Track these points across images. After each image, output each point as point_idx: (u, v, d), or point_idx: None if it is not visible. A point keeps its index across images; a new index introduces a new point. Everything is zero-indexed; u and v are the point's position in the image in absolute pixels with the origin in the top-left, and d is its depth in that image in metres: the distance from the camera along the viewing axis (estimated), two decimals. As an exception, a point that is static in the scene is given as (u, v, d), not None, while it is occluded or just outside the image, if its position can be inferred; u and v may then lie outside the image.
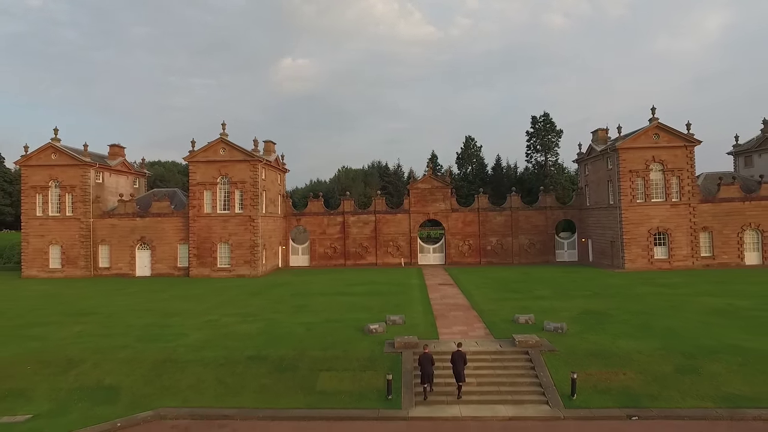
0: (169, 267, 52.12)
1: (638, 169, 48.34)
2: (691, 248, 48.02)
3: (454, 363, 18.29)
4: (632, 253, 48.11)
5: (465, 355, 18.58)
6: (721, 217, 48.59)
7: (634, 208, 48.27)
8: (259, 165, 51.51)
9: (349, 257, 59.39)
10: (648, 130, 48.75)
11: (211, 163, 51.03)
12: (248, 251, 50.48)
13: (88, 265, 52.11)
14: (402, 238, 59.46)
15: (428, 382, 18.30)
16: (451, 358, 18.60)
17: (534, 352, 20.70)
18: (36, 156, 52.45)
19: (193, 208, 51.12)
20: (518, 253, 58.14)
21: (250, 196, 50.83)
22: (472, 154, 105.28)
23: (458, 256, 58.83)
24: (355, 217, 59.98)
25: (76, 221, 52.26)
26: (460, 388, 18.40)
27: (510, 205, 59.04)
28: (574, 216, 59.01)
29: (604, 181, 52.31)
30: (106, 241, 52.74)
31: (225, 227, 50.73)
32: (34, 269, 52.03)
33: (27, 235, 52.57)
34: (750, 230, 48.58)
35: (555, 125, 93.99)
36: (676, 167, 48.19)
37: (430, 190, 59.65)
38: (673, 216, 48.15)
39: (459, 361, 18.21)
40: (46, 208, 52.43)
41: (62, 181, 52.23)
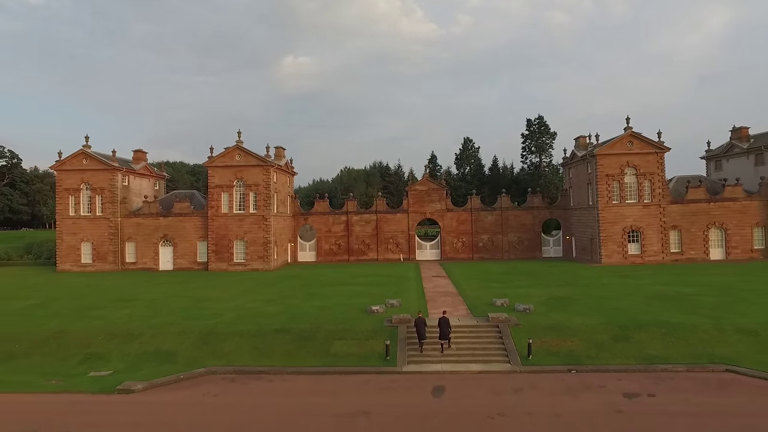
0: (190, 262, 57.50)
1: (614, 173, 53.52)
2: (661, 245, 53.24)
3: (440, 325, 23.91)
4: (608, 249, 53.34)
5: (449, 320, 24.18)
6: (688, 216, 53.79)
7: (610, 209, 53.47)
8: (271, 169, 56.83)
9: (352, 253, 64.71)
10: (623, 137, 53.93)
11: (227, 168, 56.36)
12: (261, 247, 55.84)
13: (116, 260, 57.52)
14: (401, 236, 64.76)
15: (422, 338, 23.96)
16: (438, 322, 24.17)
17: (503, 326, 26.01)
18: (69, 161, 57.82)
19: (212, 209, 56.48)
20: (508, 249, 63.41)
21: (263, 198, 56.16)
22: (470, 154, 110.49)
23: (453, 252, 64.12)
24: (358, 216, 65.27)
25: (105, 220, 57.66)
26: (443, 346, 24.02)
27: (500, 205, 64.29)
28: (560, 215, 64.25)
29: (585, 184, 57.54)
30: (132, 239, 58.13)
31: (240, 226, 56.07)
32: (67, 264, 57.46)
33: (61, 233, 57.96)
34: (715, 228, 53.76)
35: (549, 128, 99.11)
36: (648, 171, 53.36)
37: (427, 191, 64.92)
38: (645, 216, 53.36)
39: (444, 325, 23.83)
40: (78, 208, 57.82)
41: (93, 184, 57.61)
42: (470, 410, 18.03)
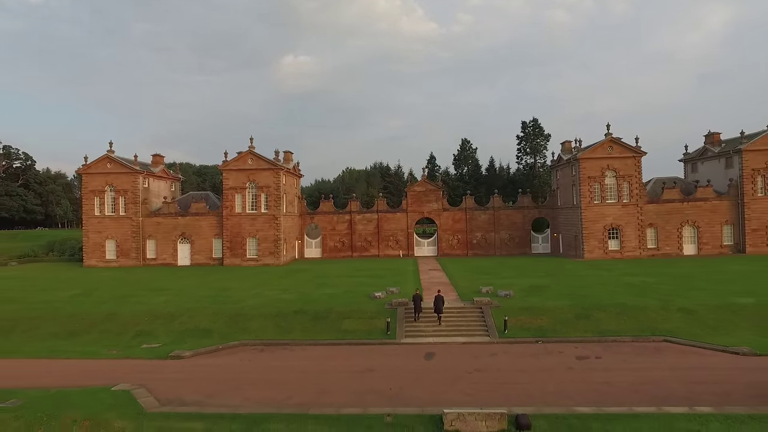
0: (206, 258, 62.43)
1: (595, 176, 58.38)
2: (638, 241, 58.12)
3: (435, 302, 29.27)
4: (590, 245, 58.23)
5: (443, 298, 29.53)
6: (663, 215, 58.66)
7: (592, 208, 58.34)
8: (281, 172, 61.73)
9: (355, 250, 69.61)
10: (604, 143, 58.78)
11: (241, 171, 61.27)
12: (272, 244, 60.75)
13: (138, 256, 62.45)
14: (401, 234, 69.66)
15: (419, 311, 29.36)
16: (434, 299, 29.52)
17: (485, 308, 30.93)
18: (94, 165, 62.73)
19: (226, 209, 61.39)
20: (500, 246, 68.31)
21: (274, 199, 61.06)
22: (468, 155, 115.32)
23: (448, 248, 69.02)
24: (361, 215, 70.17)
25: (128, 220, 62.58)
26: (440, 318, 29.34)
27: (493, 205, 69.19)
28: (548, 214, 69.14)
29: (570, 185, 62.41)
30: (152, 236, 63.06)
31: (253, 224, 60.98)
32: (93, 259, 62.38)
33: (87, 232, 62.88)
34: (688, 226, 58.64)
35: (543, 130, 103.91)
36: (626, 174, 58.21)
37: (424, 192, 69.83)
38: (624, 214, 58.22)
39: (438, 302, 29.21)
40: (102, 208, 62.71)
41: (116, 186, 62.52)
42: (454, 368, 22.94)
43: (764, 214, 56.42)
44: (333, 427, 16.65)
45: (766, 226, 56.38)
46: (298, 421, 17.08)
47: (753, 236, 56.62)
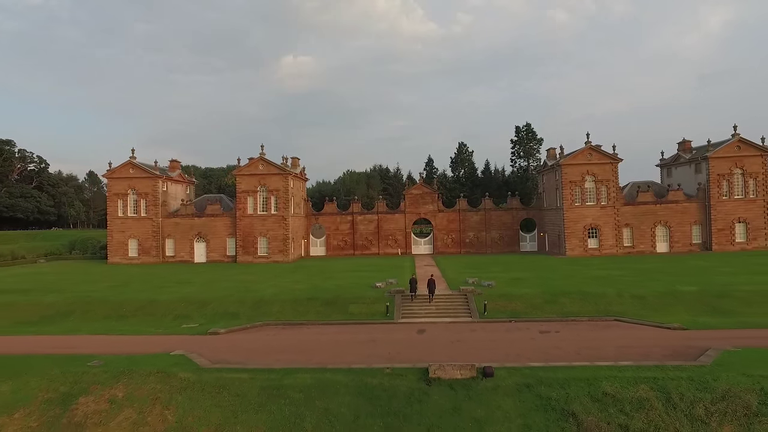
0: (220, 255, 68.06)
1: (576, 180, 64.07)
2: (615, 240, 63.81)
3: (429, 285, 35.42)
4: (572, 243, 63.91)
5: (435, 281, 35.59)
6: (638, 216, 64.35)
7: (573, 210, 64.02)
8: (289, 177, 67.39)
9: (357, 248, 75.26)
10: (584, 150, 64.47)
11: (252, 176, 66.92)
12: (281, 243, 66.39)
13: (158, 254, 68.07)
14: (399, 233, 75.32)
15: (414, 292, 35.36)
16: (427, 282, 35.73)
17: (469, 295, 36.57)
18: (118, 170, 68.37)
19: (239, 210, 67.03)
20: (490, 244, 73.98)
21: (283, 201, 66.71)
22: (465, 158, 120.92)
23: (443, 246, 74.68)
24: (362, 216, 75.81)
25: (148, 220, 68.20)
26: (431, 298, 35.42)
27: (484, 207, 74.89)
28: (535, 215, 74.82)
29: (554, 189, 68.10)
30: (171, 236, 68.69)
31: (263, 224, 66.61)
32: (117, 257, 68.00)
33: (111, 231, 68.49)
34: (660, 226, 64.33)
35: (536, 134, 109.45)
36: (604, 178, 63.92)
37: (421, 195, 75.50)
38: (602, 215, 63.92)
39: (431, 284, 35.40)
40: (125, 210, 68.34)
41: (138, 190, 68.15)
42: (440, 339, 28.58)
43: (728, 215, 62.14)
44: (346, 375, 22.26)
45: (729, 225, 62.09)
46: (319, 372, 22.70)
47: (718, 235, 62.33)
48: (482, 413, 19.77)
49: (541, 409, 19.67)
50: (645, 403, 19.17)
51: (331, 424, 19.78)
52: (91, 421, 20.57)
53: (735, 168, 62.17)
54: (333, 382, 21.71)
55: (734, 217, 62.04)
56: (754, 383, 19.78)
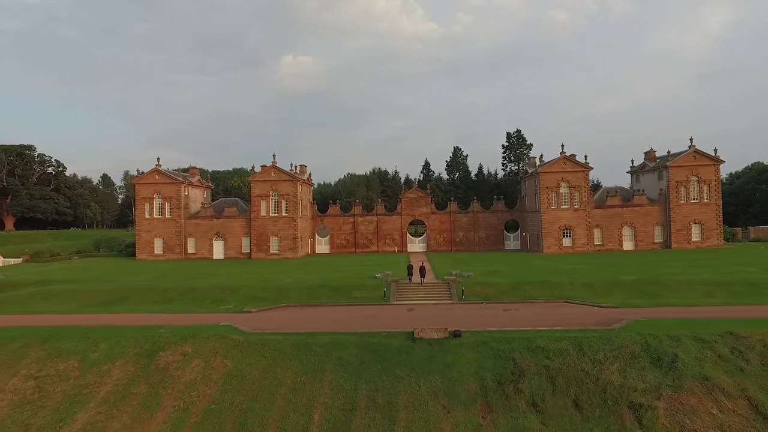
0: (236, 252, 76.32)
1: (552, 186, 72.42)
2: (587, 239, 72.17)
3: (420, 270, 44.80)
4: (549, 242, 72.26)
5: (425, 268, 44.05)
6: (607, 218, 72.72)
7: (549, 212, 72.36)
8: (298, 183, 75.68)
9: (358, 246, 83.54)
10: (559, 159, 72.83)
11: (265, 182, 75.22)
12: (291, 241, 74.69)
13: (180, 251, 76.31)
14: (396, 233, 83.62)
15: (410, 275, 43.96)
16: (419, 268, 44.53)
17: (451, 283, 44.93)
18: (145, 177, 76.63)
19: (254, 212, 75.33)
20: (478, 243, 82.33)
21: (292, 204, 74.98)
22: (459, 162, 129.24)
23: (436, 245, 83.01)
24: (362, 217, 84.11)
25: (172, 221, 76.46)
26: (423, 280, 44.13)
27: (473, 209, 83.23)
28: (518, 217, 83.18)
29: (534, 193, 76.46)
30: (192, 235, 76.94)
31: (275, 225, 74.89)
32: (144, 254, 76.25)
33: (140, 231, 76.72)
34: (627, 227, 72.71)
35: (526, 140, 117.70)
36: (577, 184, 72.28)
37: (416, 198, 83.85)
38: (575, 217, 72.27)
39: (422, 270, 44.75)
40: (152, 212, 76.58)
41: (163, 194, 76.39)
42: (425, 315, 36.89)
43: (686, 217, 70.56)
44: (353, 336, 30.53)
45: (686, 226, 70.50)
46: (333, 335, 30.96)
47: (677, 235, 70.73)
48: (451, 359, 28.06)
49: (492, 357, 27.97)
50: (563, 352, 27.47)
51: (343, 367, 28.06)
52: (172, 367, 28.82)
53: (691, 176, 70.59)
54: (344, 341, 30.03)
55: (691, 219, 70.47)
56: (641, 339, 28.10)
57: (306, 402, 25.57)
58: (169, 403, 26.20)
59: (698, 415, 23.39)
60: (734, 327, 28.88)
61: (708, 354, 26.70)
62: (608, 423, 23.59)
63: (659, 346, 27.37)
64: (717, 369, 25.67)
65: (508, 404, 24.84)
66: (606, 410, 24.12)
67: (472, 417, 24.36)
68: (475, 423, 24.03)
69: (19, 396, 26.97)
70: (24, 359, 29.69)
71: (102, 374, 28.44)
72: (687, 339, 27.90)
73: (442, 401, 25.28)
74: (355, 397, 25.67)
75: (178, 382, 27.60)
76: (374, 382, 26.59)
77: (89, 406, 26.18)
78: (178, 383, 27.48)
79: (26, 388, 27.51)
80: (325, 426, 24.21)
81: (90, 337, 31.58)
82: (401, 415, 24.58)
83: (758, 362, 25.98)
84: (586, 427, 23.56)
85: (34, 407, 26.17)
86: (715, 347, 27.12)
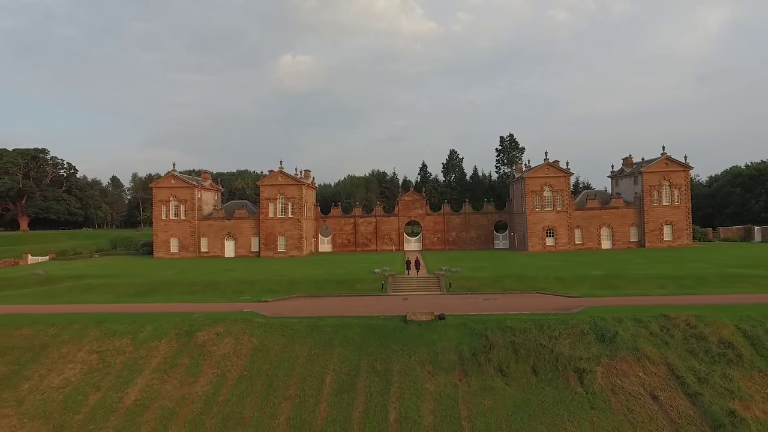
0: (246, 251, 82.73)
1: (537, 190, 78.92)
2: (568, 238, 78.69)
3: (415, 263, 51.70)
4: (533, 241, 78.76)
5: (419, 261, 50.75)
6: (587, 219, 79.26)
7: (534, 214, 78.85)
8: (303, 187, 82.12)
9: (358, 245, 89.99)
10: (543, 166, 79.34)
11: (273, 186, 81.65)
12: (297, 241, 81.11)
13: (194, 250, 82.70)
14: (394, 233, 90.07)
15: (408, 269, 51.08)
16: (414, 262, 51.12)
17: (440, 277, 51.44)
18: (162, 181, 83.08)
19: (262, 214, 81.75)
20: (469, 242, 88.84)
21: (297, 206, 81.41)
22: (455, 164, 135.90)
23: (430, 244, 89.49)
24: (362, 219, 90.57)
25: (187, 222, 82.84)
26: (417, 272, 51.02)
27: (464, 211, 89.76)
28: (506, 218, 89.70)
29: (520, 196, 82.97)
30: (205, 235, 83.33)
31: (282, 225, 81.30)
32: (161, 252, 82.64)
33: (157, 231, 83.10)
34: (605, 227, 79.27)
35: (518, 144, 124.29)
36: (559, 189, 78.80)
37: (412, 201, 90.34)
38: (557, 219, 78.78)
39: (417, 263, 51.87)
40: (168, 214, 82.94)
41: (178, 197, 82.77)
42: (417, 303, 43.29)
43: (658, 218, 77.12)
44: (356, 319, 36.94)
45: (659, 227, 77.08)
46: (339, 318, 37.40)
47: (650, 235, 77.29)
48: (436, 337, 34.50)
49: (469, 334, 34.41)
50: (527, 330, 33.90)
51: (348, 343, 34.48)
52: (208, 344, 35.21)
53: (663, 180, 77.16)
54: (349, 322, 36.47)
55: (663, 220, 77.02)
56: (590, 320, 34.57)
57: (319, 369, 32.04)
58: (209, 371, 32.64)
59: (627, 377, 29.88)
60: (667, 311, 35.41)
61: (642, 331, 33.19)
62: (557, 383, 30.05)
63: (604, 325, 33.84)
64: (647, 342, 32.16)
65: (480, 370, 31.29)
66: (557, 374, 30.59)
67: (451, 380, 30.82)
68: (452, 384, 30.50)
69: (87, 366, 33.40)
70: (85, 338, 36.10)
71: (151, 349, 34.84)
72: (627, 320, 34.40)
73: (427, 368, 31.74)
74: (358, 365, 32.12)
75: (214, 355, 34.02)
76: (373, 354, 33.04)
77: (144, 373, 32.62)
78: (214, 356, 33.90)
79: (92, 360, 33.95)
80: (335, 387, 30.66)
81: (137, 321, 37.99)
82: (395, 379, 31.03)
83: (680, 337, 32.48)
84: (540, 387, 30.02)
85: (101, 374, 32.60)
86: (649, 326, 33.62)
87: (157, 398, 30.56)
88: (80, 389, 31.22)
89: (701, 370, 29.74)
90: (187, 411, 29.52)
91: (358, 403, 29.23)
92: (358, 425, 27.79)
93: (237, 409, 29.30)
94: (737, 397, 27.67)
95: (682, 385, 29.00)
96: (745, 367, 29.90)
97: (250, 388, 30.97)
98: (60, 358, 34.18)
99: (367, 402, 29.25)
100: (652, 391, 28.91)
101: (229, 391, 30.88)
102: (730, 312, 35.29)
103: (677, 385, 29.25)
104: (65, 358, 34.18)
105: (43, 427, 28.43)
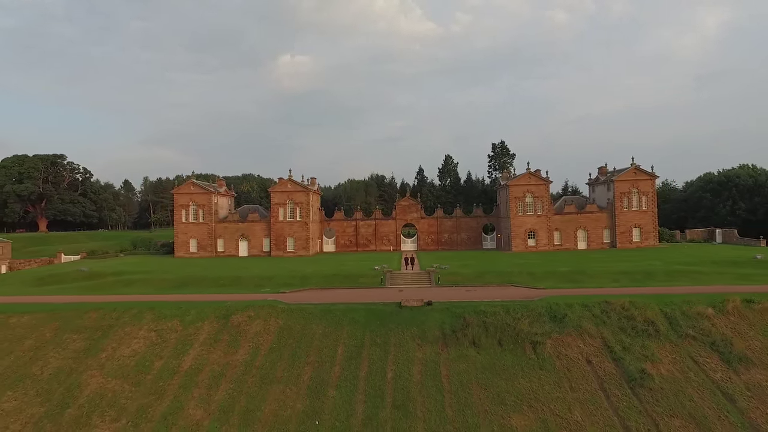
0: (258, 251, 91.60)
1: (519, 196, 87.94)
2: (548, 240, 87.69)
3: (411, 260, 61.00)
4: (517, 242, 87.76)
5: (414, 258, 59.93)
6: (565, 222, 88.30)
7: (517, 218, 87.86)
8: (310, 193, 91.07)
9: (359, 246, 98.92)
10: (526, 174, 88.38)
11: (282, 192, 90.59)
12: (304, 242, 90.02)
13: (212, 250, 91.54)
14: (391, 234, 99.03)
15: (406, 264, 60.26)
16: (410, 258, 60.24)
17: (431, 272, 60.40)
18: (182, 188, 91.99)
19: (273, 217, 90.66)
20: (460, 243, 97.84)
21: (305, 211, 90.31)
22: (450, 169, 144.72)
23: (425, 245, 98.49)
24: (363, 221, 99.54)
25: (205, 225, 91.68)
26: (412, 266, 60.39)
27: (456, 214, 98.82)
28: (494, 221, 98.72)
29: (505, 201, 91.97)
30: (221, 236, 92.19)
31: (291, 228, 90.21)
32: (181, 252, 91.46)
33: (177, 233, 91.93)
34: (581, 229, 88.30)
35: (509, 150, 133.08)
36: (539, 195, 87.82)
37: (408, 206, 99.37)
38: (538, 222, 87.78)
39: (412, 259, 61.62)
40: (187, 217, 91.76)
41: (197, 202, 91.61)
42: (411, 294, 52.22)
43: (628, 222, 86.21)
44: (361, 305, 45.80)
45: (629, 230, 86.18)
46: (347, 304, 46.26)
47: (621, 236, 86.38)
48: (424, 318, 43.40)
49: (450, 316, 43.30)
50: (496, 313, 42.77)
51: (355, 323, 43.32)
52: (243, 324, 44.02)
53: (632, 188, 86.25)
54: (355, 308, 45.39)
55: (632, 224, 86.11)
56: (547, 305, 43.51)
57: (332, 342, 40.95)
58: (245, 344, 41.52)
59: (570, 347, 38.85)
60: (609, 298, 44.42)
61: (586, 313, 42.19)
62: (516, 352, 38.96)
63: (557, 309, 42.83)
64: (589, 322, 41.14)
65: (458, 342, 40.20)
66: (516, 345, 39.49)
67: (435, 349, 39.75)
68: (436, 352, 39.42)
69: (148, 340, 42.26)
70: (143, 320, 44.95)
71: (197, 329, 43.71)
72: (577, 305, 43.40)
73: (417, 341, 40.66)
74: (363, 339, 41.03)
75: (248, 332, 42.91)
76: (375, 331, 41.97)
77: (195, 346, 41.49)
78: (248, 333, 42.80)
79: (151, 336, 42.81)
80: (346, 355, 39.55)
81: (182, 307, 46.84)
82: (392, 349, 39.94)
83: (615, 317, 41.45)
84: (503, 355, 38.93)
85: (160, 347, 41.45)
86: (592, 309, 42.62)
87: (207, 364, 39.44)
88: (147, 357, 40.09)
89: (626, 341, 38.75)
90: (232, 372, 38.40)
91: (363, 366, 38.14)
92: (363, 381, 36.69)
93: (270, 371, 38.19)
94: (649, 360, 36.68)
95: (610, 353, 38.01)
96: (661, 340, 38.93)
97: (279, 356, 39.86)
98: (125, 335, 43.02)
99: (370, 365, 38.16)
100: (588, 357, 37.92)
101: (263, 359, 39.76)
102: (659, 299, 44.35)
103: (607, 353, 38.24)
104: (129, 335, 43.02)
105: (124, 383, 37.29)
